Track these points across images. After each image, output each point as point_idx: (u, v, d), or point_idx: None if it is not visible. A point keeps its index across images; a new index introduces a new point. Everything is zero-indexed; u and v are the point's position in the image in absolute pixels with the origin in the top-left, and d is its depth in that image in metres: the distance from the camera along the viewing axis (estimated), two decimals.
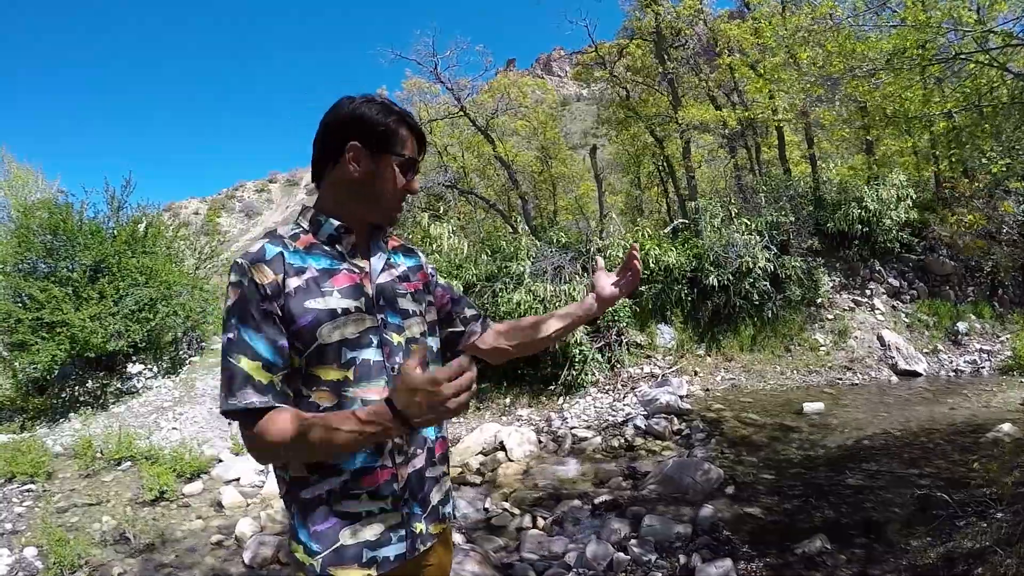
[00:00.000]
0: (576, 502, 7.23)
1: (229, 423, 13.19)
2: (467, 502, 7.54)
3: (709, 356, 13.05)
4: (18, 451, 11.27)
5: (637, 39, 18.70)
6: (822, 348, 13.06)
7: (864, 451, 7.97)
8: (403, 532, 1.85)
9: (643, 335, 13.18)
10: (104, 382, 16.56)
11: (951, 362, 12.81)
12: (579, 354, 11.99)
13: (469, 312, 2.29)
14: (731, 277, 12.96)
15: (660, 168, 22.00)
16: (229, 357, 1.71)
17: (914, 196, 14.97)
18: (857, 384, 11.98)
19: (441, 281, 2.25)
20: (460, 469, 9.38)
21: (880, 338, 13.10)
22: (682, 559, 5.08)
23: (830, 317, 13.67)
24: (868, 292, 14.50)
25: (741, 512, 6.07)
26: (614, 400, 11.61)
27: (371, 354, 1.80)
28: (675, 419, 10.00)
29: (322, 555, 1.77)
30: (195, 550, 7.75)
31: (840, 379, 12.20)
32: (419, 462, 1.91)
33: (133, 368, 17.51)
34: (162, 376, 17.70)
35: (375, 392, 1.77)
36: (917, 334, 13.60)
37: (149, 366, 17.91)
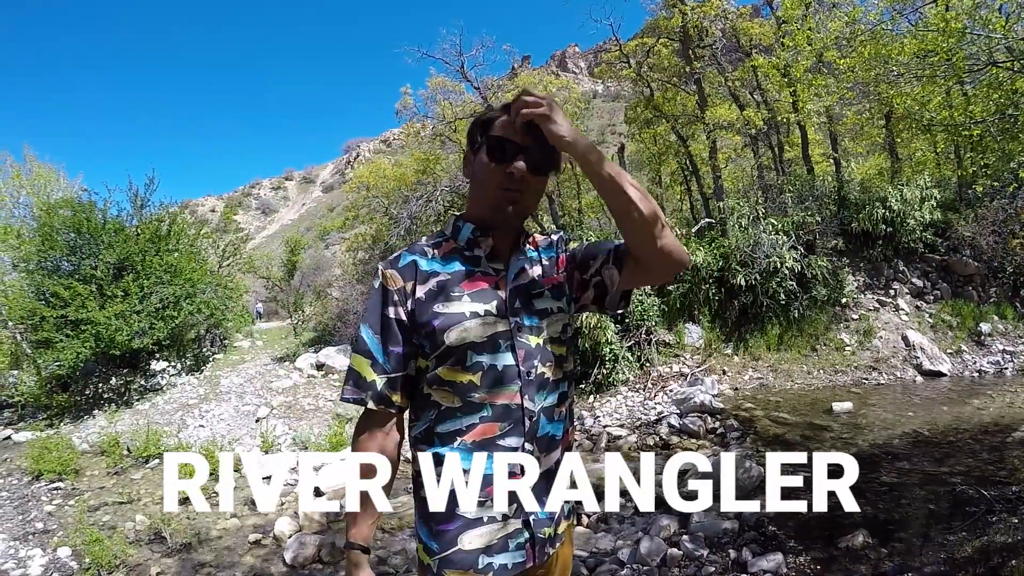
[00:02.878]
0: (619, 500, 7.37)
1: (257, 420, 13.39)
2: None
3: (736, 355, 13.16)
4: (45, 448, 11.29)
5: (663, 39, 18.78)
6: (847, 348, 13.13)
7: (895, 449, 8.09)
8: (522, 539, 1.85)
9: (671, 334, 13.31)
10: (128, 379, 16.72)
11: (974, 363, 12.86)
12: (609, 353, 12.14)
13: (598, 263, 1.98)
14: (758, 277, 13.06)
15: (683, 167, 22.04)
16: (352, 351, 1.87)
17: (938, 196, 14.97)
18: (883, 384, 12.06)
19: (571, 248, 2.09)
20: None
21: (905, 338, 13.17)
22: (732, 554, 5.25)
23: (855, 317, 13.74)
24: (892, 292, 14.52)
25: (783, 508, 6.24)
26: (645, 399, 11.75)
27: (502, 359, 1.81)
28: (709, 418, 10.15)
29: (440, 556, 1.80)
30: (233, 549, 7.79)
31: (866, 379, 12.29)
32: (549, 465, 1.91)
33: (157, 365, 17.66)
34: (186, 373, 17.88)
35: (505, 397, 1.80)
36: (941, 334, 13.64)
37: (173, 363, 18.06)
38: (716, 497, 6.63)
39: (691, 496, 5.50)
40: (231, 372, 17.95)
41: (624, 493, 7.52)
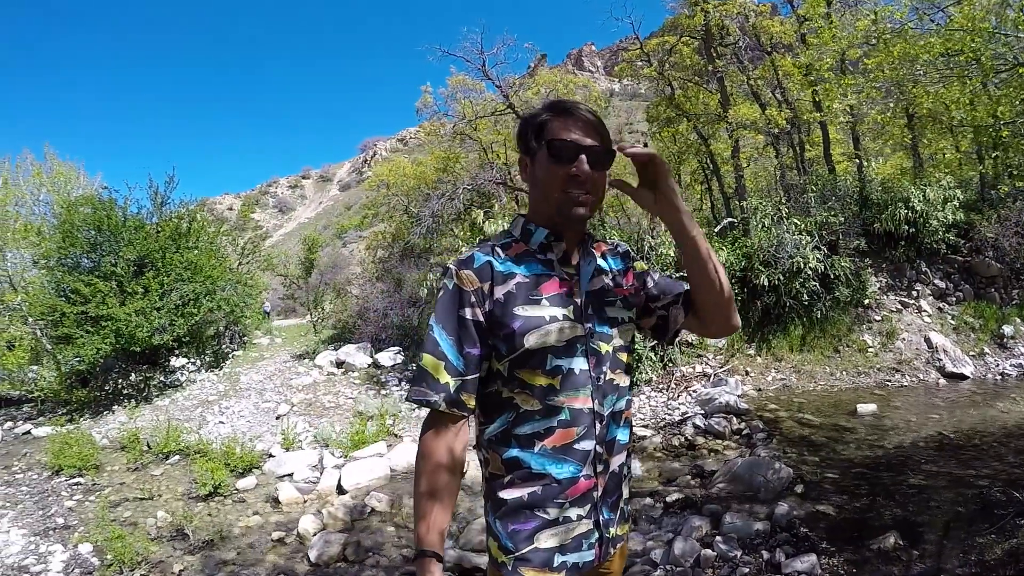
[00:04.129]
0: (648, 500, 7.36)
1: (278, 417, 13.44)
2: None
3: (759, 356, 13.12)
4: (65, 444, 11.36)
5: (685, 37, 18.73)
6: (870, 349, 13.07)
7: (921, 452, 8.07)
8: (594, 539, 1.90)
9: (694, 334, 13.31)
10: (147, 375, 16.86)
11: (997, 365, 12.79)
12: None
13: (668, 299, 2.05)
14: (781, 277, 13.02)
15: (704, 166, 21.99)
16: (421, 351, 1.85)
17: (960, 197, 14.86)
18: (906, 386, 12.00)
19: (639, 268, 2.12)
20: None
21: (928, 340, 13.10)
22: (766, 555, 5.25)
23: (877, 318, 13.67)
24: (915, 293, 14.44)
25: (814, 510, 6.22)
26: (668, 399, 11.76)
27: (578, 363, 1.83)
28: (734, 419, 10.13)
29: (516, 554, 1.84)
30: (256, 547, 7.80)
31: (889, 381, 12.24)
32: (615, 468, 1.95)
33: (176, 362, 17.77)
34: (205, 370, 17.98)
35: (580, 401, 1.82)
36: (963, 336, 13.54)
37: (192, 360, 18.17)
38: (747, 498, 6.69)
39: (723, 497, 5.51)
40: (250, 369, 18.02)
41: (653, 493, 7.56)
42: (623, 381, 1.95)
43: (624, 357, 1.96)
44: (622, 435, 1.97)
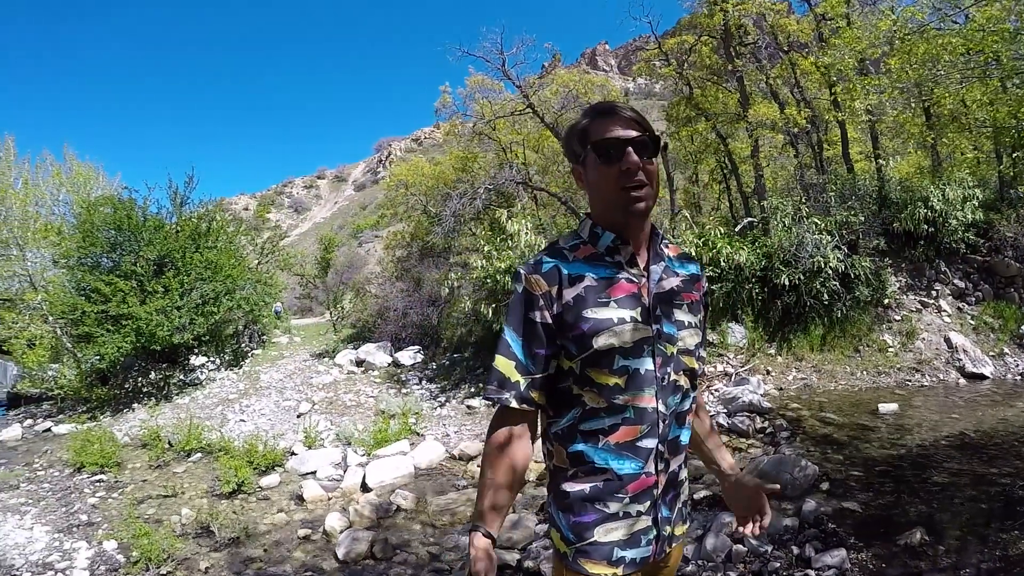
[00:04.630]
0: None
1: (299, 415, 13.54)
2: None
3: (780, 355, 13.09)
4: (87, 441, 11.52)
5: (704, 36, 18.75)
6: (890, 349, 13.02)
7: (943, 450, 8.07)
8: (652, 535, 1.96)
9: (715, 333, 13.30)
10: (167, 374, 17.00)
11: (1017, 365, 12.73)
12: None
13: (702, 351, 2.18)
14: (802, 277, 13.00)
15: (722, 165, 21.99)
16: (495, 352, 1.94)
17: (979, 196, 14.78)
18: (926, 386, 11.95)
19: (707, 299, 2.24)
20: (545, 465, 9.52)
21: (947, 340, 13.05)
22: (795, 550, 5.32)
23: (897, 318, 13.63)
24: (934, 293, 14.38)
25: (840, 506, 6.26)
26: None
27: (644, 364, 1.87)
28: (757, 417, 10.15)
29: (576, 545, 1.91)
30: (282, 544, 7.85)
31: (909, 380, 12.20)
32: (675, 467, 2.00)
33: (196, 360, 17.92)
34: (224, 368, 18.10)
35: (644, 400, 1.87)
36: (983, 336, 13.49)
37: (211, 358, 18.31)
38: (774, 495, 6.73)
39: None
40: (270, 368, 18.12)
41: None
42: (686, 383, 2.01)
43: (688, 360, 2.01)
44: (683, 435, 2.02)
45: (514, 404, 1.89)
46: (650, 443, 1.90)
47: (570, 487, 1.93)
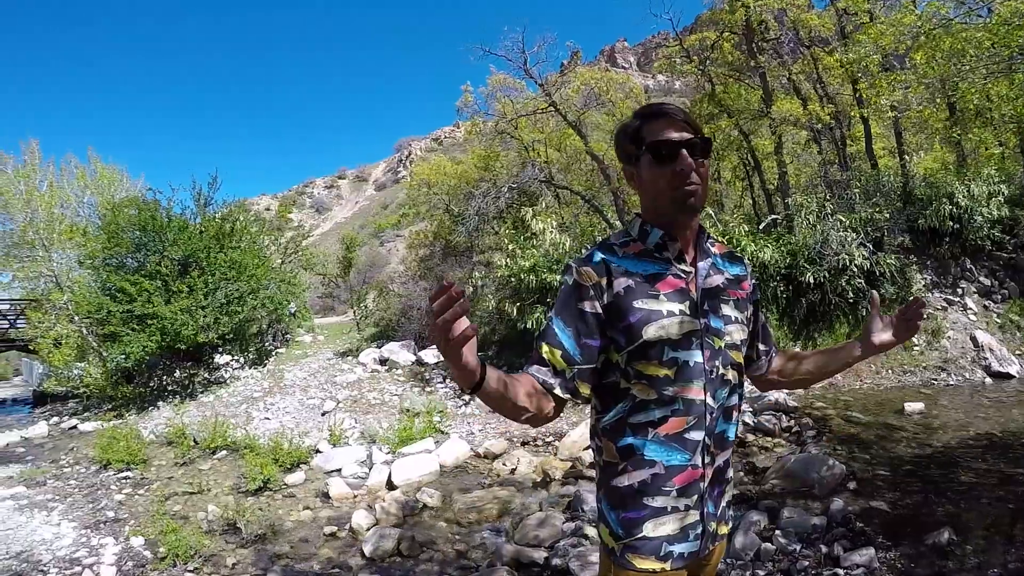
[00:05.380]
0: None
1: (323, 413, 13.58)
2: (587, 493, 7.59)
3: None
4: (113, 438, 11.63)
5: (726, 33, 18.70)
6: (916, 348, 12.94)
7: (970, 450, 8.03)
8: (699, 531, 1.94)
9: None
10: (192, 372, 17.14)
11: None
12: None
13: (763, 345, 2.28)
14: (827, 274, 12.95)
15: (745, 162, 21.93)
16: (538, 340, 1.91)
17: (1005, 192, 14.65)
18: (951, 385, 11.90)
19: (756, 294, 2.24)
20: (571, 464, 9.44)
21: (973, 339, 12.95)
22: (823, 549, 5.31)
23: (923, 316, 13.44)
24: (960, 291, 14.24)
25: (868, 506, 6.25)
26: None
27: (693, 356, 1.88)
28: (783, 416, 10.14)
29: (625, 541, 1.91)
30: (308, 541, 7.86)
31: (935, 379, 12.14)
32: (720, 463, 1.99)
33: (220, 359, 18.05)
34: (249, 367, 18.21)
35: (693, 392, 1.87)
36: (1009, 335, 13.37)
37: (236, 357, 18.43)
38: (801, 494, 6.74)
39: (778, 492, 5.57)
40: (294, 366, 18.18)
41: None
42: (734, 378, 2.01)
43: (736, 355, 2.01)
44: (729, 430, 2.02)
45: (558, 391, 1.86)
46: (697, 435, 1.90)
47: (620, 482, 1.93)
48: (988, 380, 12.10)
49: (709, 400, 1.91)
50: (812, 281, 12.94)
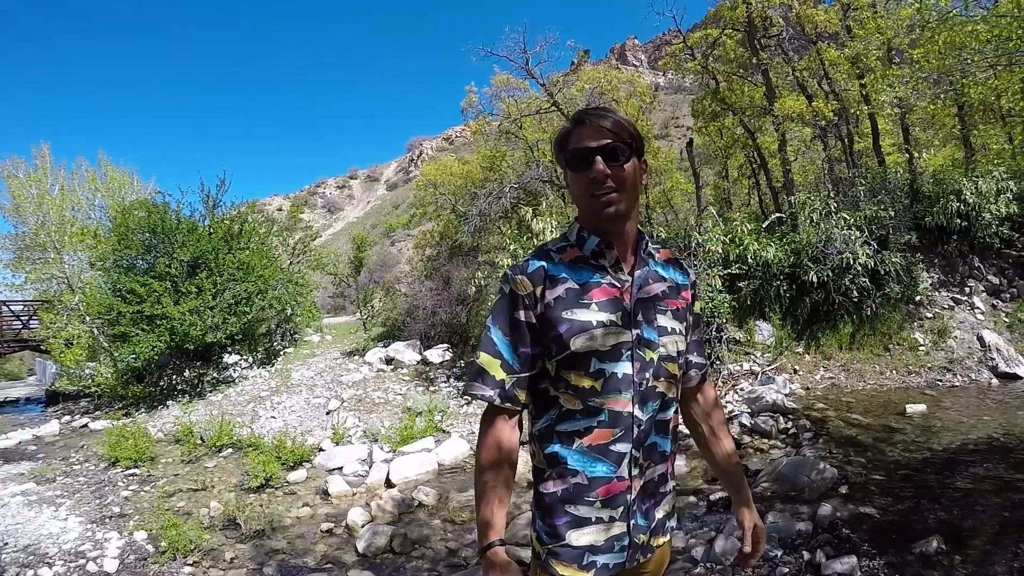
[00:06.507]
0: (691, 498, 7.40)
1: (328, 412, 13.65)
2: None
3: (808, 354, 12.95)
4: (121, 436, 11.89)
5: (728, 29, 18.59)
6: (921, 348, 12.79)
7: (970, 454, 7.91)
8: (625, 542, 1.95)
9: (742, 331, 13.20)
10: (201, 372, 17.35)
11: None
12: None
13: (696, 358, 2.24)
14: (830, 273, 12.83)
15: (751, 160, 21.78)
16: (477, 350, 1.97)
17: (1014, 189, 14.41)
18: (957, 386, 11.73)
19: (697, 306, 2.22)
20: None
21: (980, 339, 12.77)
22: (806, 555, 5.25)
23: (929, 316, 13.36)
24: (967, 290, 14.06)
25: (857, 511, 6.17)
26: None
27: (621, 367, 1.89)
28: (781, 418, 10.06)
29: (549, 547, 1.94)
30: (305, 537, 8.02)
31: (940, 380, 11.98)
32: (653, 475, 2.01)
33: (229, 358, 18.22)
34: (257, 366, 18.37)
35: (620, 404, 1.89)
36: (1018, 335, 13.14)
37: (244, 357, 18.59)
38: (791, 498, 6.67)
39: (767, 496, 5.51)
40: (301, 365, 18.29)
41: (697, 491, 7.59)
42: (669, 391, 2.01)
43: (671, 367, 2.01)
44: (662, 443, 2.02)
45: (497, 402, 1.92)
46: (623, 447, 1.91)
47: (545, 488, 1.96)
48: (995, 381, 11.90)
49: (638, 412, 1.92)
50: (816, 280, 12.82)
